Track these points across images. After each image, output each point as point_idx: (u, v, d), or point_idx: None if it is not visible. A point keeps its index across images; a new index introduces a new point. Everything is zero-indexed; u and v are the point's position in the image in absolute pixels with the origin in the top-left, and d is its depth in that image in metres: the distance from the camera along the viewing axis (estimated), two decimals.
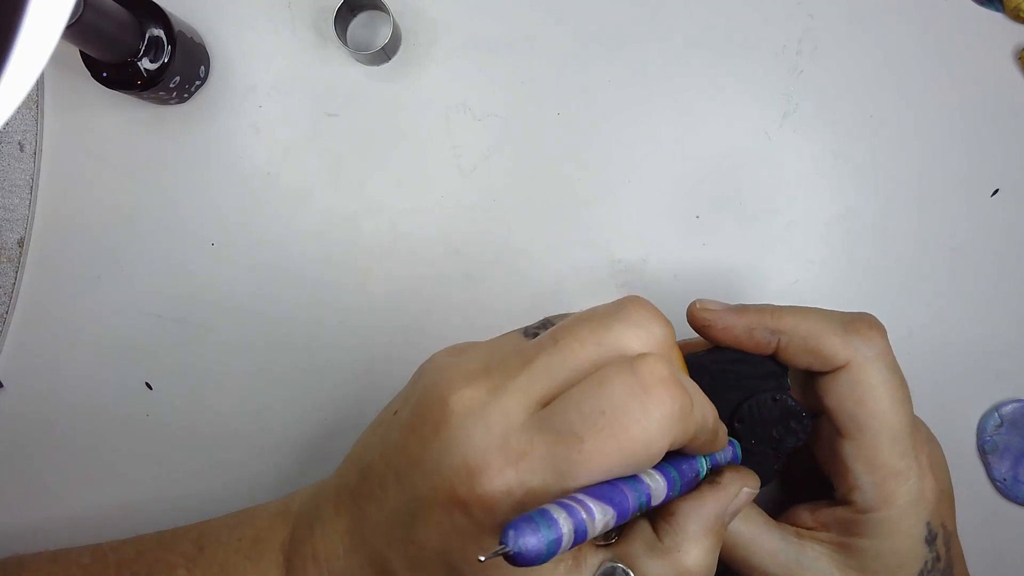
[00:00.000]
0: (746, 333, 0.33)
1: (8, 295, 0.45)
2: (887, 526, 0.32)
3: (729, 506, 0.30)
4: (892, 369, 0.32)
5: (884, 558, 0.32)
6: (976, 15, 0.43)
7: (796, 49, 0.43)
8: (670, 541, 0.28)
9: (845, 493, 0.33)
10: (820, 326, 0.32)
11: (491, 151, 0.44)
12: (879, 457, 0.32)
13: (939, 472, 0.34)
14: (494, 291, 0.44)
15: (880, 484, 0.32)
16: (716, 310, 0.34)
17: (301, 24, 0.45)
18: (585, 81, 0.44)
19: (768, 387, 0.33)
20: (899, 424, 0.32)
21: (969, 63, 0.43)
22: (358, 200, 0.45)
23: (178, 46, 0.41)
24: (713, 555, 0.28)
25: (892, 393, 0.32)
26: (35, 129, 0.45)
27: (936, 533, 0.33)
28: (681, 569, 0.27)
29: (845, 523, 0.33)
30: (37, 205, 0.46)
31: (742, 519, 0.34)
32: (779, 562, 0.33)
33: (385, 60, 0.44)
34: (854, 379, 0.32)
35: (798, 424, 0.33)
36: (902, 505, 0.32)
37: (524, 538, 0.21)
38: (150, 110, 0.45)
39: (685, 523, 0.28)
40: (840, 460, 0.33)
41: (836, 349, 0.32)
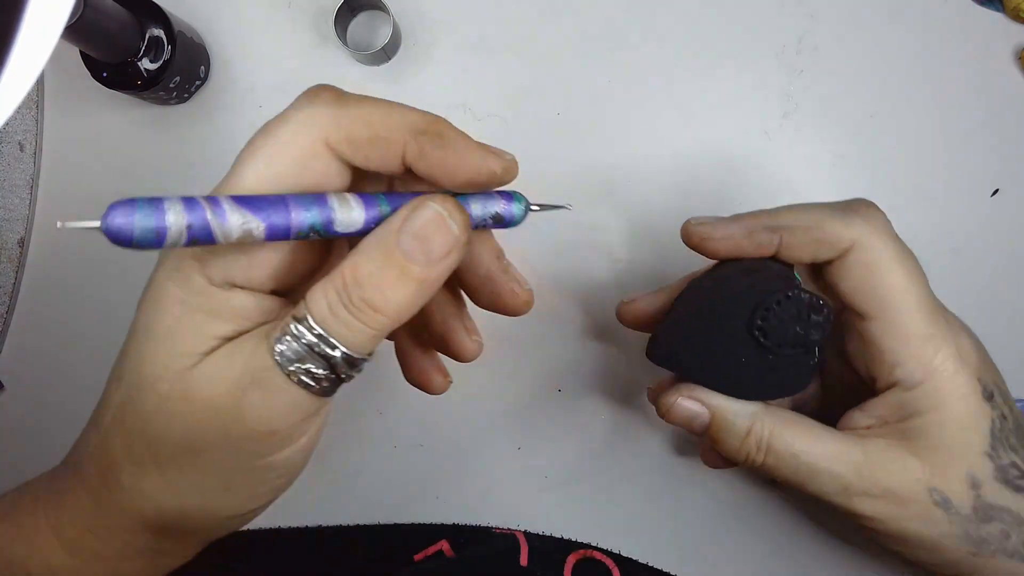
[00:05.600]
0: (747, 237, 0.32)
1: (8, 295, 0.45)
2: (939, 394, 0.31)
3: (407, 221, 0.26)
4: (898, 242, 0.32)
5: (949, 427, 0.31)
6: (976, 15, 0.43)
7: (796, 49, 0.43)
8: (341, 264, 0.26)
9: (888, 377, 0.32)
10: (819, 214, 0.32)
11: None
12: (909, 326, 0.31)
13: (973, 338, 0.33)
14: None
15: (918, 353, 0.31)
16: (712, 222, 0.33)
17: (301, 24, 0.45)
18: (585, 81, 0.44)
19: (778, 288, 0.31)
20: (918, 291, 0.31)
21: (969, 63, 0.43)
22: None
23: (178, 46, 0.41)
24: (380, 263, 0.25)
25: (904, 263, 0.31)
26: (35, 129, 0.45)
27: (992, 390, 0.32)
28: (340, 283, 0.25)
29: (899, 408, 0.32)
30: (37, 205, 0.46)
31: (795, 433, 0.33)
32: (846, 463, 0.32)
33: (385, 60, 0.44)
34: (864, 258, 0.31)
35: (818, 314, 0.31)
36: (947, 368, 0.31)
37: (114, 216, 0.22)
38: (150, 110, 0.45)
39: (360, 244, 0.26)
40: (872, 345, 0.32)
41: (839, 231, 0.31)
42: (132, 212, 0.22)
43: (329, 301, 0.25)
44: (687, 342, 0.33)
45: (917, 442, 0.32)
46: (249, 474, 0.27)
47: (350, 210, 0.25)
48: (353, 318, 0.25)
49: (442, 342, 0.33)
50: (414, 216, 0.26)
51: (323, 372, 0.26)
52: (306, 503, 0.45)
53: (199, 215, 0.23)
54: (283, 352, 0.25)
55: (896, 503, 0.32)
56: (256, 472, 0.27)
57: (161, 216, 0.22)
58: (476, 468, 0.44)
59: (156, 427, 0.26)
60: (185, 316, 0.26)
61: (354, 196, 0.26)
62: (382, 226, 0.26)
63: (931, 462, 0.31)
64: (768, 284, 0.32)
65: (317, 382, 0.26)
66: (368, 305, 0.25)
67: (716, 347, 0.32)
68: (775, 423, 0.33)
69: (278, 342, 0.25)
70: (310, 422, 0.28)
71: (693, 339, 0.33)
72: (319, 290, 0.25)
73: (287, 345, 0.25)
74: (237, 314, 0.27)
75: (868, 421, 0.33)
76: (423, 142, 0.26)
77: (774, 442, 0.32)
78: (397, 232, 0.25)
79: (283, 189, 0.25)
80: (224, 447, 0.26)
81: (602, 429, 0.44)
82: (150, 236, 0.22)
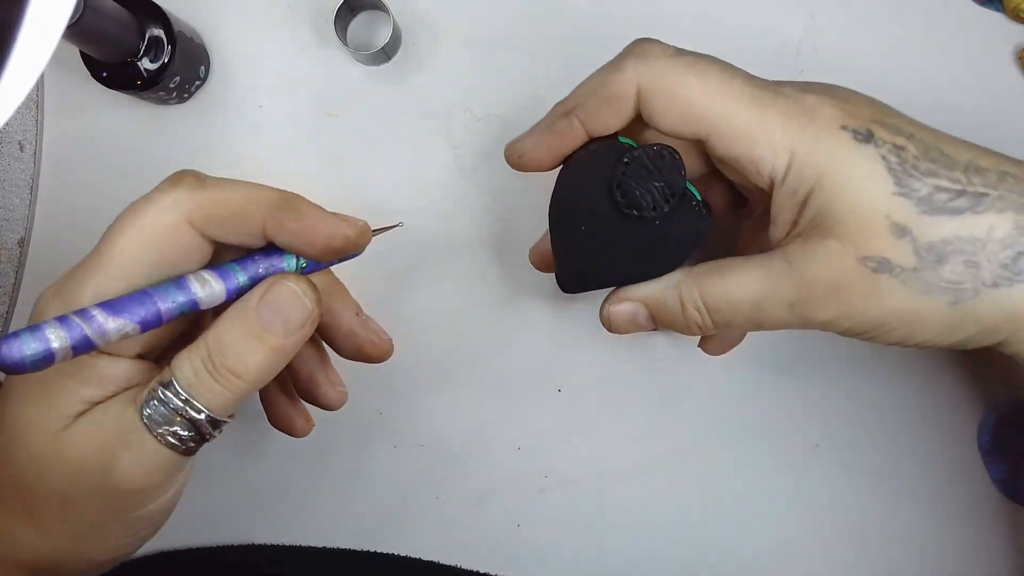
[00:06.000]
0: (549, 132, 0.32)
1: (8, 295, 0.45)
2: (809, 165, 0.28)
3: (265, 296, 0.28)
4: (680, 57, 0.30)
5: (839, 190, 0.28)
6: (976, 15, 0.43)
7: (796, 49, 0.43)
8: (205, 334, 0.28)
9: (763, 180, 0.30)
10: (596, 76, 0.31)
11: (491, 151, 0.44)
12: (736, 121, 0.29)
13: (825, 90, 0.30)
14: (494, 291, 0.44)
15: (763, 139, 0.29)
16: (521, 136, 0.33)
17: (301, 24, 0.45)
18: None
19: (612, 159, 0.31)
20: (727, 86, 0.29)
21: (969, 63, 0.43)
22: (358, 200, 0.45)
23: (178, 46, 0.41)
24: (240, 332, 0.28)
25: (696, 71, 0.30)
26: (35, 129, 0.45)
27: (867, 130, 0.28)
28: (204, 351, 0.28)
29: (790, 203, 0.30)
30: (37, 205, 0.46)
31: (720, 279, 0.31)
32: (777, 279, 0.30)
33: (385, 60, 0.44)
34: (657, 89, 0.30)
35: (664, 159, 0.31)
36: (799, 137, 0.29)
37: (3, 351, 0.24)
38: (150, 110, 0.45)
39: (222, 316, 0.28)
40: (729, 162, 0.30)
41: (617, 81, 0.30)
42: (20, 345, 0.25)
43: (194, 367, 0.28)
44: (580, 258, 0.34)
45: (824, 223, 0.29)
46: (119, 525, 0.30)
47: (211, 288, 0.28)
48: (216, 383, 0.28)
49: (307, 392, 0.35)
50: (272, 292, 0.28)
51: (188, 433, 0.28)
52: (306, 503, 0.45)
53: (78, 333, 0.25)
54: (151, 416, 0.28)
55: (843, 294, 0.29)
56: (125, 523, 0.30)
57: (46, 343, 0.25)
58: (476, 468, 0.44)
59: (30, 481, 0.28)
60: (55, 380, 0.28)
61: (210, 273, 0.29)
62: (243, 300, 0.28)
63: (845, 233, 0.28)
64: (601, 161, 0.32)
65: (183, 442, 0.28)
66: (230, 371, 0.28)
67: (603, 245, 0.33)
68: (698, 280, 0.31)
69: (146, 406, 0.28)
70: (175, 478, 0.30)
71: (581, 252, 0.33)
72: (184, 357, 0.28)
73: (154, 409, 0.28)
74: (104, 379, 0.29)
75: (779, 233, 0.31)
76: (280, 216, 0.28)
77: (707, 299, 0.31)
78: (256, 306, 0.28)
79: (149, 262, 0.28)
80: (94, 502, 0.28)
81: (602, 429, 0.44)
82: (41, 362, 0.25)
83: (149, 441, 0.28)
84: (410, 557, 0.44)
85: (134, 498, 0.29)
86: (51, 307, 0.28)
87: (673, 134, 0.31)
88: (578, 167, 0.33)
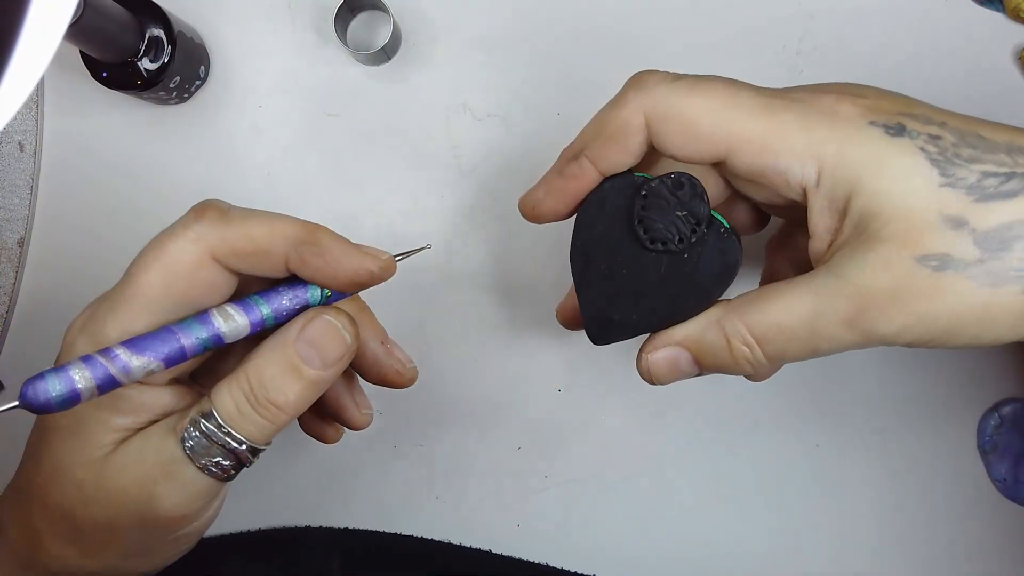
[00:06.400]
0: (561, 178, 0.31)
1: (8, 295, 0.45)
2: (842, 167, 0.27)
3: (304, 330, 0.29)
4: (677, 82, 0.29)
5: (882, 190, 0.26)
6: (976, 15, 0.43)
7: (796, 49, 0.43)
8: (244, 367, 0.29)
9: (794, 191, 0.28)
10: (600, 114, 0.30)
11: (491, 151, 0.44)
12: (752, 132, 0.28)
13: (841, 89, 0.29)
14: (494, 291, 0.44)
15: (786, 147, 0.27)
16: (532, 187, 0.32)
17: (301, 24, 0.44)
18: (585, 81, 0.44)
19: (628, 192, 0.30)
20: (735, 99, 0.28)
21: (969, 63, 0.43)
22: (358, 200, 0.45)
23: (178, 46, 0.41)
24: (280, 367, 0.29)
25: (698, 91, 0.28)
26: (35, 129, 0.45)
27: (897, 123, 0.27)
28: (246, 385, 0.28)
29: (829, 209, 0.28)
30: (37, 205, 0.46)
31: (764, 306, 0.28)
32: (829, 296, 0.27)
33: (385, 60, 0.44)
34: (663, 116, 0.29)
35: (685, 187, 0.29)
36: (825, 139, 0.27)
37: (30, 393, 0.25)
38: (150, 110, 0.45)
39: (260, 348, 0.29)
40: (752, 177, 0.28)
41: (619, 115, 0.29)
42: (46, 387, 0.25)
43: (236, 401, 0.29)
44: (608, 304, 0.31)
45: (870, 227, 0.26)
46: (161, 545, 0.31)
47: (234, 322, 0.29)
48: (258, 416, 0.29)
49: (334, 413, 0.36)
50: (311, 326, 0.29)
51: (228, 462, 0.29)
52: (305, 503, 0.45)
53: (102, 372, 0.26)
54: (192, 447, 0.28)
55: (905, 301, 0.26)
56: (167, 543, 0.31)
57: (71, 383, 0.25)
58: (476, 468, 0.44)
59: (75, 510, 0.29)
60: (88, 411, 0.29)
61: (233, 307, 0.29)
62: (282, 332, 0.29)
63: (897, 234, 0.26)
64: (617, 198, 0.30)
65: (223, 471, 0.29)
66: (271, 403, 0.29)
67: (631, 287, 0.30)
68: (740, 312, 0.29)
69: (187, 437, 0.29)
70: (215, 501, 0.31)
71: (608, 297, 0.31)
72: (224, 390, 0.29)
73: (196, 440, 0.28)
74: (139, 407, 0.29)
75: (820, 245, 0.28)
76: (303, 251, 0.29)
77: (755, 330, 0.28)
78: (295, 340, 0.29)
79: (174, 297, 0.28)
80: (138, 528, 0.29)
81: (602, 429, 0.44)
82: (67, 403, 0.25)
83: (191, 471, 0.29)
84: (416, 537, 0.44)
85: (176, 523, 0.30)
86: (79, 342, 0.28)
87: (689, 159, 0.29)
88: (594, 208, 0.31)
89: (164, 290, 0.28)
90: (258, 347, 0.29)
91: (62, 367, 0.26)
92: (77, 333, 0.29)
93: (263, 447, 0.30)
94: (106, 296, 0.29)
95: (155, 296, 0.28)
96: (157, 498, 0.29)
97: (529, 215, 0.32)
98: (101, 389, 0.26)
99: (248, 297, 0.29)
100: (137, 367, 0.27)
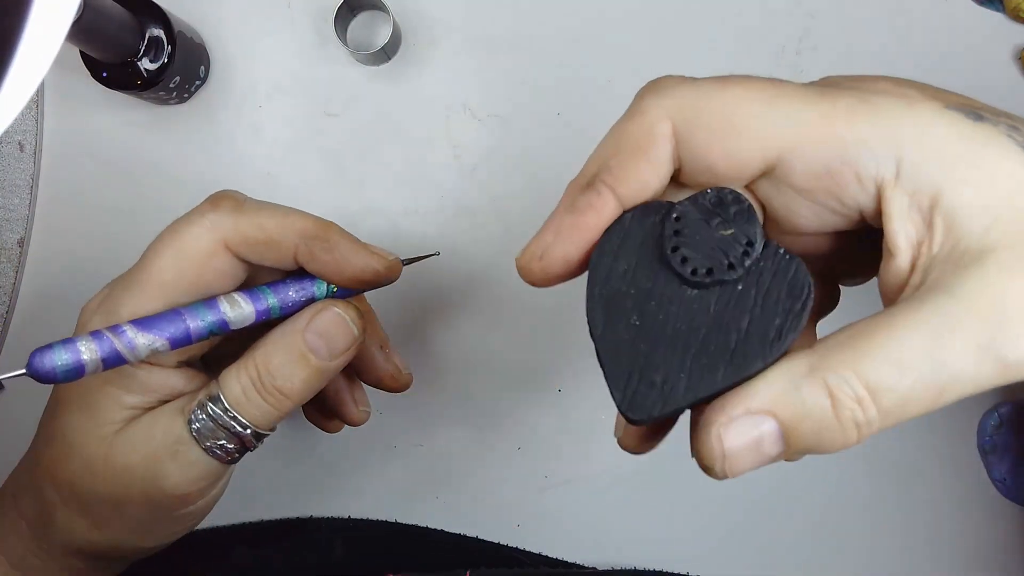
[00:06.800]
0: (572, 214, 0.24)
1: (8, 295, 0.45)
2: (925, 164, 0.21)
3: (313, 321, 0.30)
4: (696, 87, 0.24)
5: (970, 187, 0.21)
6: (976, 15, 0.43)
7: (796, 49, 0.43)
8: (252, 354, 0.30)
9: (862, 202, 0.23)
10: (612, 132, 0.25)
11: (491, 151, 0.44)
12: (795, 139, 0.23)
13: (889, 80, 0.25)
14: (494, 291, 0.44)
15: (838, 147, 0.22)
16: (533, 238, 0.26)
17: (301, 24, 0.44)
18: (585, 81, 0.44)
19: (656, 217, 0.24)
20: (771, 95, 0.23)
21: (969, 63, 0.43)
22: (358, 200, 0.45)
23: (178, 46, 0.41)
24: (288, 355, 0.29)
25: (727, 92, 0.23)
26: (35, 129, 0.45)
27: (972, 110, 0.22)
28: (253, 371, 0.29)
29: (906, 214, 0.22)
30: (37, 205, 0.46)
31: (874, 347, 0.21)
32: (950, 318, 0.21)
33: (385, 60, 0.44)
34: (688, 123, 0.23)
35: (726, 203, 0.23)
36: (898, 137, 0.22)
37: (36, 361, 0.26)
38: (150, 110, 0.45)
39: (269, 337, 0.30)
40: (797, 194, 0.23)
41: (631, 128, 0.24)
42: (52, 356, 0.26)
43: (243, 386, 0.29)
44: (646, 366, 0.24)
45: (974, 230, 0.21)
46: (166, 522, 0.32)
47: (240, 309, 0.29)
48: (264, 402, 0.30)
49: (332, 407, 0.37)
50: (319, 317, 0.30)
51: (232, 446, 0.30)
52: (305, 503, 0.45)
53: (108, 347, 0.27)
54: (199, 428, 0.29)
55: None
56: (172, 520, 0.32)
57: (77, 355, 0.26)
58: (476, 468, 0.45)
59: (84, 484, 0.30)
60: (98, 388, 0.30)
61: (241, 295, 0.30)
62: (291, 322, 0.30)
63: (1010, 234, 0.21)
64: (642, 227, 0.24)
65: (227, 453, 0.30)
66: (278, 391, 0.30)
67: (674, 336, 0.23)
68: (840, 357, 0.21)
69: (194, 419, 0.30)
70: (219, 482, 0.32)
71: (645, 357, 0.24)
72: (232, 376, 0.30)
73: (202, 423, 0.29)
74: (147, 387, 0.30)
75: (904, 261, 0.22)
76: (312, 246, 0.29)
77: (868, 376, 0.21)
78: (303, 330, 0.30)
79: (186, 282, 0.29)
80: (144, 504, 0.30)
81: (602, 429, 0.44)
82: (72, 373, 0.26)
83: (196, 451, 0.30)
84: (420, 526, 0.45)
85: (181, 502, 0.31)
86: (94, 321, 0.29)
87: (731, 170, 0.23)
88: (614, 244, 0.24)
89: (177, 275, 0.29)
90: (267, 335, 0.30)
91: (70, 339, 0.27)
92: (92, 312, 0.30)
93: (267, 433, 0.31)
94: (121, 278, 0.30)
95: (168, 280, 0.29)
96: (163, 476, 0.30)
97: (536, 269, 0.26)
98: (106, 363, 0.27)
99: (256, 287, 0.30)
100: (142, 344, 0.27)
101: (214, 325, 0.29)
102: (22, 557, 0.33)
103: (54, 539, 0.32)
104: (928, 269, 0.22)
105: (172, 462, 0.30)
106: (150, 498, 0.30)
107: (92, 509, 0.31)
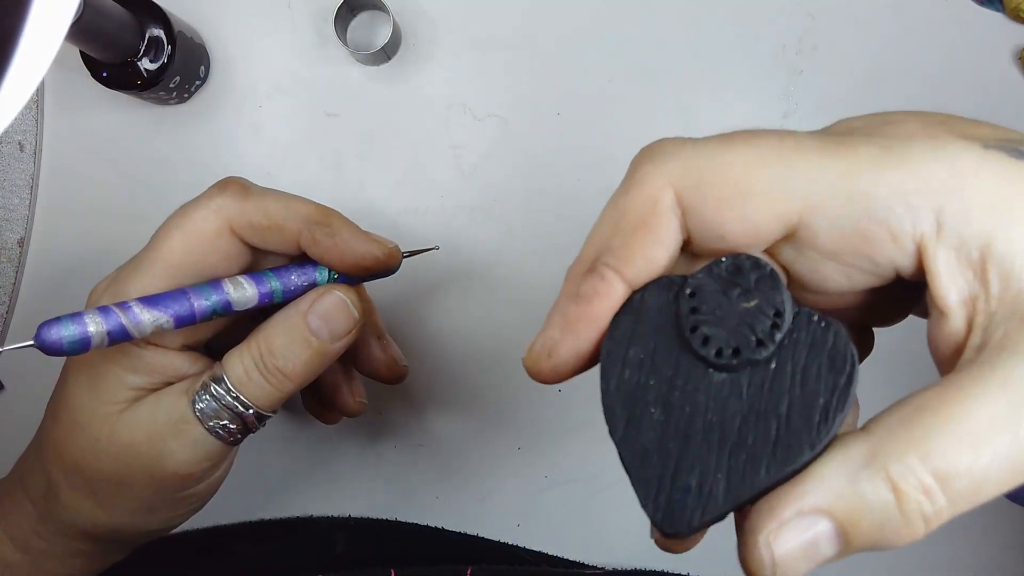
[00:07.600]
0: (577, 302, 0.22)
1: (8, 295, 0.45)
2: (968, 211, 0.19)
3: (315, 304, 0.30)
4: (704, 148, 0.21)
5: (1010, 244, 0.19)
6: (976, 15, 0.43)
7: (796, 49, 0.43)
8: (255, 336, 0.31)
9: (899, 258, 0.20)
10: (609, 203, 0.22)
11: (491, 151, 0.44)
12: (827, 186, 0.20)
13: (915, 116, 0.22)
14: (494, 291, 0.44)
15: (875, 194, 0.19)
16: (537, 337, 0.23)
17: (301, 24, 0.44)
18: (585, 81, 0.44)
19: (665, 295, 0.22)
20: (785, 151, 0.20)
21: (969, 63, 0.43)
22: (358, 200, 0.45)
23: (178, 46, 0.41)
24: (290, 337, 0.30)
25: (731, 150, 0.21)
26: (35, 129, 0.45)
27: (1006, 144, 0.20)
28: (256, 352, 0.30)
29: (950, 272, 0.20)
30: (37, 205, 0.46)
31: (938, 426, 0.18)
32: (1011, 386, 0.18)
33: (385, 60, 0.44)
34: (691, 190, 0.21)
35: (744, 270, 0.21)
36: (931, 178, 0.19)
37: (44, 333, 0.27)
38: (150, 110, 0.45)
39: (272, 319, 0.31)
40: (821, 257, 0.21)
41: (629, 201, 0.22)
42: (59, 329, 0.27)
43: (245, 367, 0.30)
44: (679, 467, 0.21)
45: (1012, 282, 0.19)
46: (169, 503, 0.33)
47: (244, 291, 0.30)
48: (266, 383, 0.30)
49: (329, 398, 0.38)
50: (322, 300, 0.31)
51: (235, 426, 0.31)
52: (306, 502, 0.45)
53: (115, 321, 0.27)
54: (202, 408, 0.30)
55: None
56: (175, 501, 0.33)
57: (84, 328, 0.27)
58: (476, 468, 0.45)
59: (89, 462, 0.31)
60: (104, 367, 0.31)
61: (245, 277, 0.30)
62: (292, 306, 0.31)
63: None
64: (654, 307, 0.22)
65: (230, 434, 0.31)
66: (280, 371, 0.30)
67: (706, 429, 0.21)
68: (902, 441, 0.19)
69: (198, 399, 0.30)
70: (221, 464, 0.33)
71: (677, 458, 0.21)
72: (235, 357, 0.31)
73: (206, 403, 0.30)
74: (151, 368, 0.31)
75: (958, 322, 0.20)
76: (315, 231, 0.30)
77: (936, 463, 0.18)
78: (306, 312, 0.30)
79: (193, 263, 0.30)
80: (147, 484, 0.31)
81: (602, 429, 0.44)
82: (78, 346, 0.27)
83: (199, 431, 0.30)
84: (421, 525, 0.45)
85: (183, 481, 0.31)
86: (103, 299, 0.30)
87: (745, 237, 0.21)
88: (626, 329, 0.22)
89: (184, 256, 0.30)
90: (270, 318, 0.31)
91: (78, 313, 0.27)
92: (101, 292, 0.31)
93: (269, 414, 0.32)
94: (130, 260, 0.31)
95: (175, 261, 0.30)
96: (166, 455, 0.30)
97: (545, 371, 0.23)
98: (112, 337, 0.27)
99: (260, 272, 0.31)
100: (147, 320, 0.28)
101: (218, 305, 0.29)
102: (27, 538, 0.33)
103: (59, 520, 0.33)
104: (989, 328, 0.19)
105: (175, 441, 0.30)
106: (153, 477, 0.31)
107: (97, 488, 0.32)
